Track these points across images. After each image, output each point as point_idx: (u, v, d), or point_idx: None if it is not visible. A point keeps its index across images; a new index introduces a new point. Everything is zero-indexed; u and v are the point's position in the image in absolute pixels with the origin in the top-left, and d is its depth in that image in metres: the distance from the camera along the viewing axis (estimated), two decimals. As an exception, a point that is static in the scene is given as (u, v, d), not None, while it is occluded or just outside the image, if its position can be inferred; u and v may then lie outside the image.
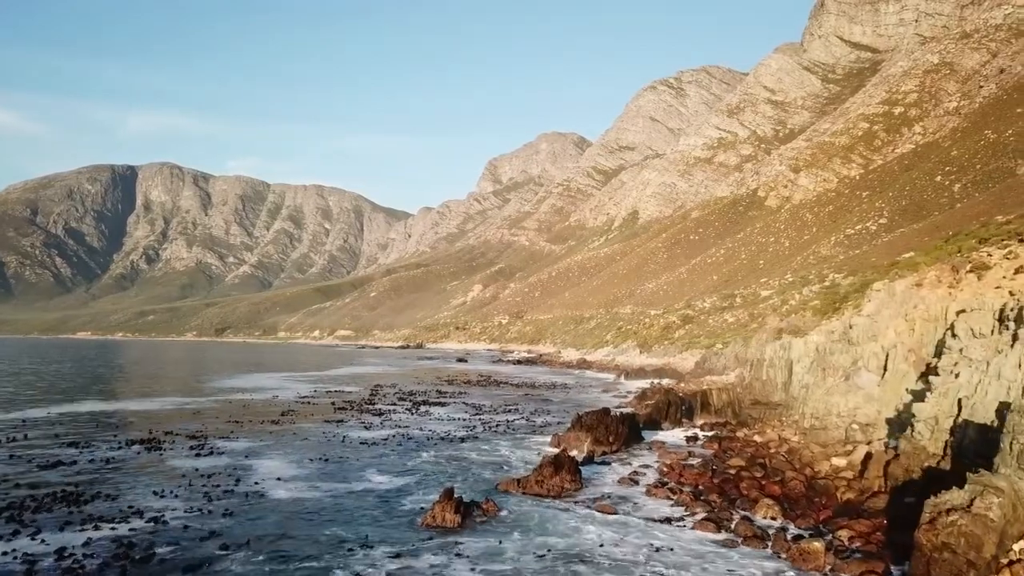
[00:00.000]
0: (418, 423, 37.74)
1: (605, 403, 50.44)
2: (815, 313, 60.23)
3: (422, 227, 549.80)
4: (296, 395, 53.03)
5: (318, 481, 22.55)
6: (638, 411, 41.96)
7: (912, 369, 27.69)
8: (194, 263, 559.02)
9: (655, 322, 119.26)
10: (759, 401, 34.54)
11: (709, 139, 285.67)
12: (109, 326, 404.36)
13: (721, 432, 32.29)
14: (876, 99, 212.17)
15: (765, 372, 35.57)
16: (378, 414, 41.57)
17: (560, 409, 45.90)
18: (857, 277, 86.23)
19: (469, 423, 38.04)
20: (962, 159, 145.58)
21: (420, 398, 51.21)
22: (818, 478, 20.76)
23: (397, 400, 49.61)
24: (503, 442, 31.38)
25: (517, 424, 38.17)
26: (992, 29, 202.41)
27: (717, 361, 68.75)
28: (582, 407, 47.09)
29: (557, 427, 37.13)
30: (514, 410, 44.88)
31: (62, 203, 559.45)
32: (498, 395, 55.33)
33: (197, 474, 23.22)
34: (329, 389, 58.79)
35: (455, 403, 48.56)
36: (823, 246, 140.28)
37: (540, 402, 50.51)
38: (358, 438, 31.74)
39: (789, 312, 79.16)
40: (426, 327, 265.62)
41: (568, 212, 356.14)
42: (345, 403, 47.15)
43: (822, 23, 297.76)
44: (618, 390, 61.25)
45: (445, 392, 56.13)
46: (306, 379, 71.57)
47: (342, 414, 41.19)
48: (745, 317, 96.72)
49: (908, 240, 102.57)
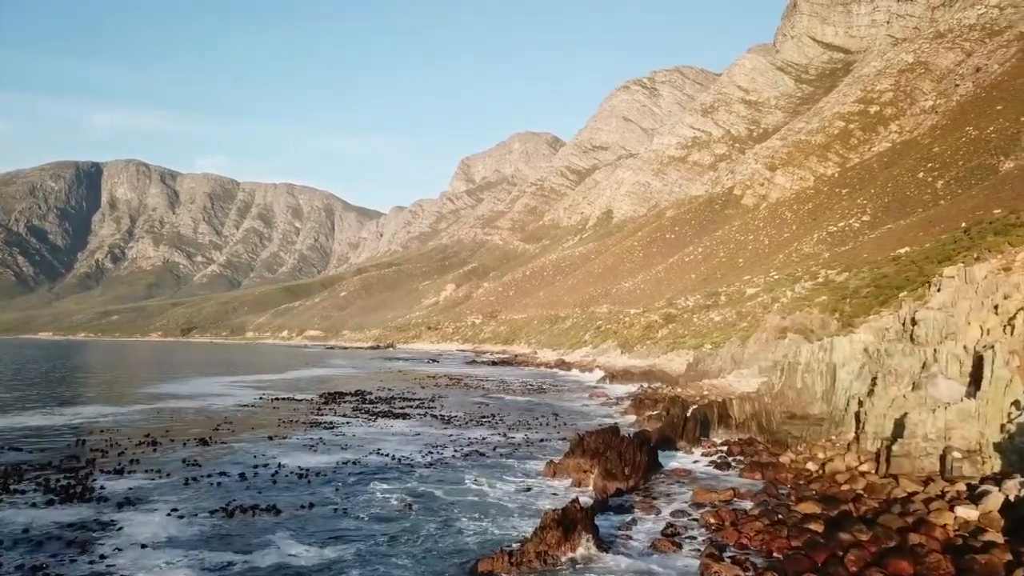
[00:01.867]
0: (374, 442, 30.21)
1: (594, 412, 43.32)
2: (824, 310, 53.90)
3: (394, 226, 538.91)
4: (238, 403, 45.11)
5: (204, 551, 14.93)
6: (644, 425, 34.88)
7: (1018, 377, 20.83)
8: (161, 262, 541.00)
9: (635, 321, 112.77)
10: (794, 414, 27.58)
11: (683, 138, 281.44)
12: (72, 326, 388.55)
13: (755, 454, 25.26)
14: (851, 98, 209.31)
15: (800, 379, 28.63)
16: (329, 427, 33.96)
17: (545, 420, 38.67)
18: (852, 273, 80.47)
19: (436, 442, 30.61)
20: (944, 156, 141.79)
21: (381, 408, 43.61)
22: (954, 543, 13.71)
23: (353, 410, 41.94)
24: (478, 471, 24.02)
25: (494, 442, 30.82)
26: (966, 29, 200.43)
27: (712, 363, 62.06)
28: (568, 417, 40.05)
29: (543, 446, 29.84)
30: (490, 422, 37.50)
31: (24, 200, 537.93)
32: (471, 402, 47.91)
33: (25, 539, 15.50)
34: (280, 395, 50.90)
35: (421, 414, 41.10)
36: (805, 244, 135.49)
37: (520, 411, 43.21)
38: (295, 468, 24.11)
39: (784, 310, 72.91)
40: (397, 327, 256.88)
41: (542, 212, 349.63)
42: (293, 414, 39.47)
43: (794, 24, 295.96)
44: (605, 395, 54.14)
45: (411, 400, 48.50)
46: (258, 383, 63.40)
47: (287, 428, 33.52)
48: (732, 316, 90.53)
49: (900, 235, 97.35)
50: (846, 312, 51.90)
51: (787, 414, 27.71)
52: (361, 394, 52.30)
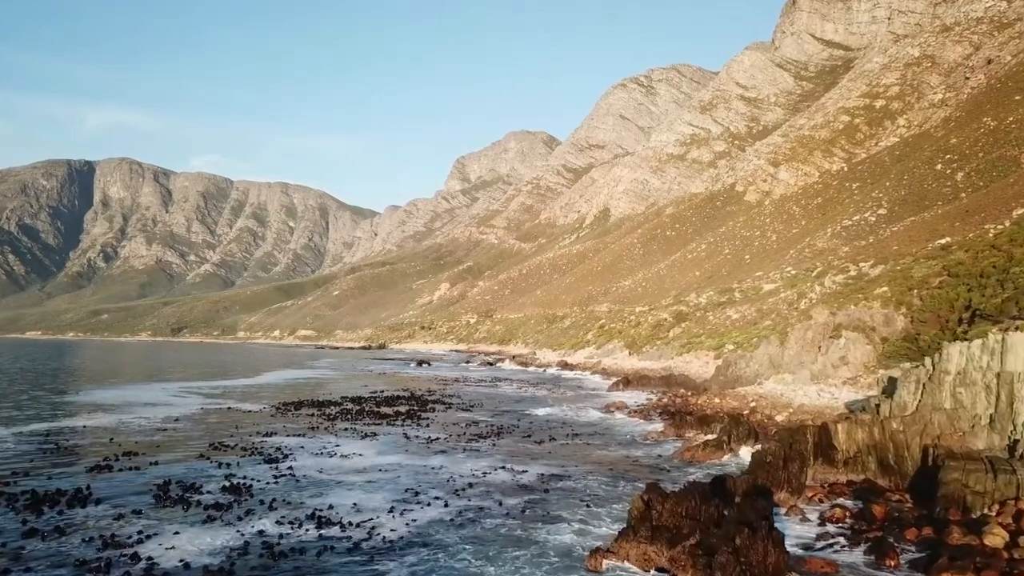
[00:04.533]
0: (324, 487, 20.39)
1: (619, 430, 33.66)
2: (886, 303, 44.50)
3: (389, 226, 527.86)
4: (168, 417, 35.20)
5: None
6: (699, 454, 25.27)
7: None
8: (154, 261, 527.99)
9: (643, 320, 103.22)
10: (950, 451, 17.97)
11: (682, 135, 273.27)
12: (60, 325, 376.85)
13: (916, 521, 15.66)
14: (856, 92, 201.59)
15: (948, 395, 19.06)
16: (269, 461, 24.03)
17: (561, 444, 29.03)
18: (888, 266, 71.16)
19: (415, 484, 20.88)
20: (963, 147, 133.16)
21: (347, 424, 33.84)
22: None
23: (310, 428, 32.15)
24: (483, 562, 14.29)
25: (498, 483, 21.16)
26: (973, 22, 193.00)
27: (745, 366, 52.40)
28: (590, 438, 30.44)
29: (569, 492, 20.16)
30: (486, 449, 27.72)
31: (15, 198, 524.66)
32: (461, 417, 38.11)
33: None
34: (230, 405, 41.00)
35: (399, 432, 31.34)
36: (818, 239, 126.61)
37: (525, 429, 33.50)
38: (163, 569, 14.09)
39: (828, 304, 63.38)
40: (390, 327, 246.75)
41: (538, 210, 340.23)
42: (231, 433, 29.72)
43: (794, 20, 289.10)
44: (623, 404, 44.38)
45: (385, 414, 38.55)
46: (212, 389, 53.46)
47: (204, 462, 23.74)
48: (752, 313, 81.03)
49: (933, 226, 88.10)
50: (915, 306, 42.48)
51: (938, 447, 18.07)
52: (328, 404, 42.54)
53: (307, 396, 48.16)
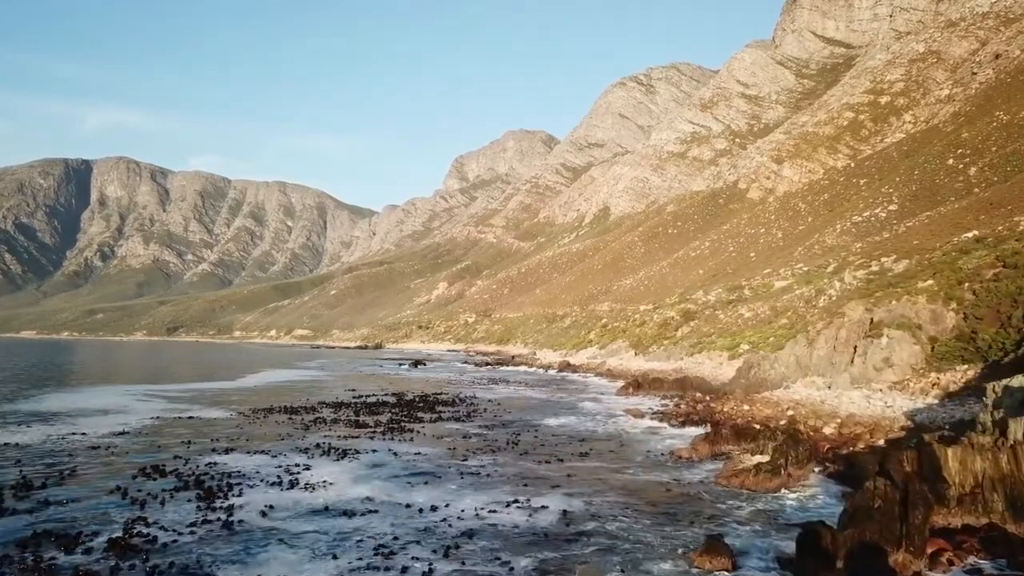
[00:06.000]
0: (247, 546, 14.67)
1: (642, 445, 28.38)
2: (932, 298, 39.40)
3: (387, 225, 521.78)
4: (120, 429, 29.87)
5: None
6: (749, 481, 20.11)
7: None
8: (151, 260, 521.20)
9: (648, 318, 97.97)
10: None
11: (682, 133, 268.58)
12: (55, 325, 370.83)
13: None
14: (860, 89, 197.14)
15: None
16: (205, 497, 18.24)
17: (580, 464, 23.78)
18: (914, 260, 66.08)
19: (380, 538, 15.42)
20: (975, 142, 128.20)
21: (318, 435, 28.50)
22: None
23: (277, 441, 26.82)
24: None
25: (507, 529, 15.83)
26: (979, 17, 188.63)
27: (769, 368, 47.08)
28: (610, 457, 24.69)
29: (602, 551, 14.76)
30: (487, 471, 22.43)
31: (12, 197, 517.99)
32: (456, 429, 32.79)
33: None
34: (193, 413, 35.60)
35: (374, 449, 25.94)
36: (827, 235, 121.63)
37: (532, 444, 28.21)
38: None
39: (862, 299, 58.19)
40: (387, 326, 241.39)
41: (537, 209, 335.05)
42: (173, 456, 24.39)
43: (795, 18, 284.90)
44: (638, 411, 39.11)
45: (367, 424, 33.12)
46: (186, 393, 48.09)
47: (115, 498, 18.22)
48: (766, 311, 75.84)
49: (955, 220, 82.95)
50: (967, 301, 37.38)
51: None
52: (304, 411, 37.21)
53: (288, 400, 42.85)
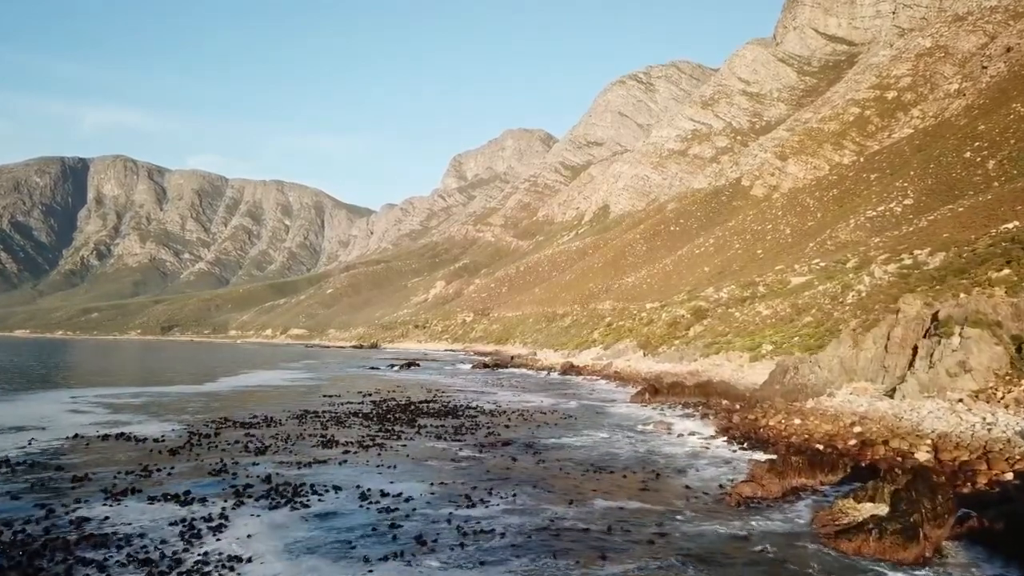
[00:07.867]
0: None
1: (685, 476, 22.14)
2: (1012, 290, 33.33)
3: (385, 224, 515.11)
4: (14, 456, 23.50)
5: None
6: (864, 544, 13.73)
7: None
8: (148, 259, 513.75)
9: (656, 317, 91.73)
10: None
11: (683, 131, 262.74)
12: (50, 324, 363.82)
13: None
14: (865, 84, 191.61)
15: None
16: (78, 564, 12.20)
17: (613, 525, 17.51)
18: (951, 252, 60.01)
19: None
20: (992, 134, 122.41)
21: (268, 465, 22.17)
22: None
23: (208, 475, 20.51)
24: None
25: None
26: (987, 12, 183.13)
27: (810, 372, 40.77)
28: (646, 499, 17.22)
29: None
30: (488, 530, 16.00)
31: (8, 196, 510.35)
32: (448, 450, 26.36)
33: None
34: (125, 430, 28.98)
35: (331, 490, 19.42)
36: (840, 231, 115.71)
37: (543, 482, 21.88)
38: None
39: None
40: (383, 325, 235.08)
41: (535, 208, 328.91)
42: (51, 499, 18.03)
43: (796, 15, 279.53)
44: (668, 426, 32.79)
45: (336, 442, 26.70)
46: (135, 399, 41.68)
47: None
48: (787, 309, 69.63)
49: (988, 211, 77.05)
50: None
51: None
52: (260, 424, 30.82)
53: (254, 409, 36.52)
